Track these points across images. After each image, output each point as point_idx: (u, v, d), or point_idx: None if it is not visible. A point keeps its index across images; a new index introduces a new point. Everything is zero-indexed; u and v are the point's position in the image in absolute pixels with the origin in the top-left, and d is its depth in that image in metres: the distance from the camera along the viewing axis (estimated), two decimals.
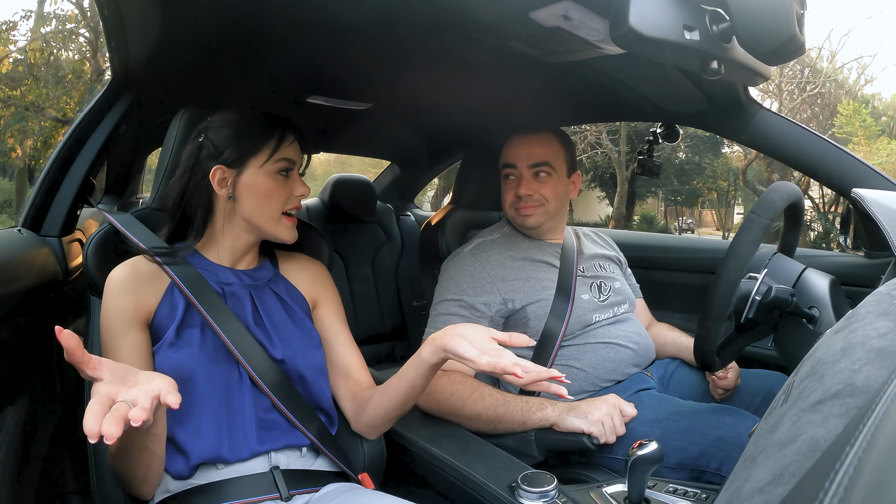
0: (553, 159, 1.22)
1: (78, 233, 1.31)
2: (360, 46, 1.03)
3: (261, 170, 0.86)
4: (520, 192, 1.20)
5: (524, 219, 1.22)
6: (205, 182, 0.86)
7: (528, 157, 1.21)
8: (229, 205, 0.88)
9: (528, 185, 1.20)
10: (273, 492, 0.80)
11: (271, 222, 0.88)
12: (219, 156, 0.86)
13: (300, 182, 0.91)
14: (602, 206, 15.70)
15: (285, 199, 0.89)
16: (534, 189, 1.20)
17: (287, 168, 0.88)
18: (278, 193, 0.88)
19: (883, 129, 11.33)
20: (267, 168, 0.87)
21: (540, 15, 0.76)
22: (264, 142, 0.86)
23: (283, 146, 0.88)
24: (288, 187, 0.89)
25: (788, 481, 0.31)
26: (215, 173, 0.86)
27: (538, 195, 1.20)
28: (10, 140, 9.14)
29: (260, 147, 0.86)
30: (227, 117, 0.88)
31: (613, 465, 1.01)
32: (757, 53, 0.65)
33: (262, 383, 0.82)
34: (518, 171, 1.22)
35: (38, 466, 1.05)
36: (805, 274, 0.89)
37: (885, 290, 0.54)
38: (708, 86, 1.09)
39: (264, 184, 0.87)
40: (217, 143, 0.86)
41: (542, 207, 1.21)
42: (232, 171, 0.86)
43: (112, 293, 0.81)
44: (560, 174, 1.23)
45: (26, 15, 9.86)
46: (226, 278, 0.88)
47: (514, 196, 1.22)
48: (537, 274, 1.18)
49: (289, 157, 0.88)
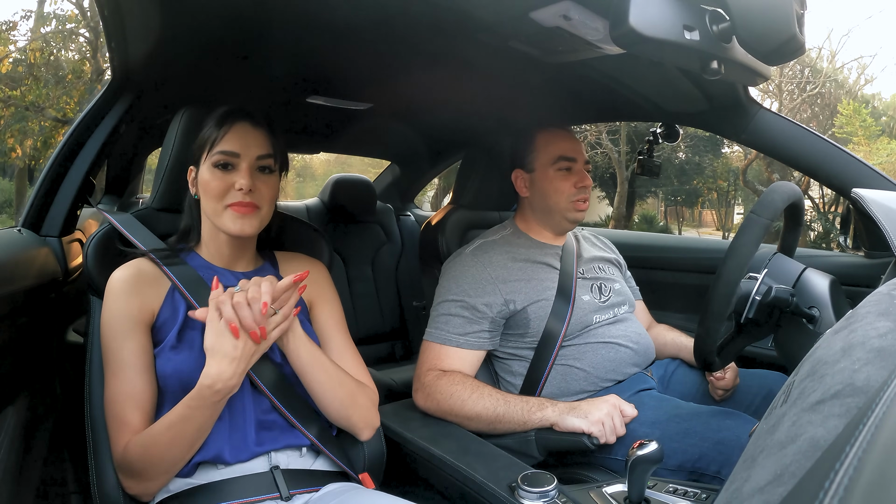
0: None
1: (78, 233, 1.31)
2: (360, 46, 1.03)
3: (204, 165, 0.86)
4: (584, 183, 1.21)
5: (581, 214, 1.23)
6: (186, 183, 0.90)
7: (582, 151, 1.24)
8: (198, 203, 0.89)
9: (586, 178, 1.22)
10: (273, 492, 0.80)
11: (215, 216, 0.85)
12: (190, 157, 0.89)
13: (242, 174, 0.84)
14: (602, 206, 15.69)
15: (223, 193, 0.84)
16: (587, 182, 1.23)
17: (223, 162, 0.84)
18: (214, 186, 0.84)
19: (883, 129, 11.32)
20: (207, 163, 0.85)
21: (540, 15, 0.76)
22: (206, 135, 0.86)
23: (220, 137, 0.85)
24: (226, 180, 0.84)
25: (788, 481, 0.31)
26: (190, 173, 0.89)
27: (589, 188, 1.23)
28: (10, 140, 9.13)
29: (204, 142, 0.86)
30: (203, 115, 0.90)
31: (613, 465, 1.01)
32: (757, 53, 0.65)
33: (261, 384, 0.82)
34: (578, 164, 1.23)
35: (38, 466, 1.05)
36: (805, 274, 0.89)
37: (885, 290, 0.54)
38: (708, 86, 1.09)
39: (206, 178, 0.85)
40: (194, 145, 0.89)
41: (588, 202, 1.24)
42: (195, 170, 0.88)
43: (115, 295, 0.81)
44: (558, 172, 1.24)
45: (26, 15, 9.86)
46: (226, 281, 0.88)
47: (574, 188, 1.22)
48: (538, 275, 1.18)
49: (226, 150, 0.84)
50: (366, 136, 1.96)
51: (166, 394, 0.81)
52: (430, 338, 1.14)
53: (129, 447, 0.77)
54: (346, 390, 0.87)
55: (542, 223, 1.26)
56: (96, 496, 0.81)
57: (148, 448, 0.76)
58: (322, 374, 0.85)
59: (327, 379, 0.85)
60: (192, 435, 0.76)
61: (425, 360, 1.12)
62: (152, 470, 0.77)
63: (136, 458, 0.77)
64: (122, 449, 0.78)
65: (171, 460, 0.77)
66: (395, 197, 2.46)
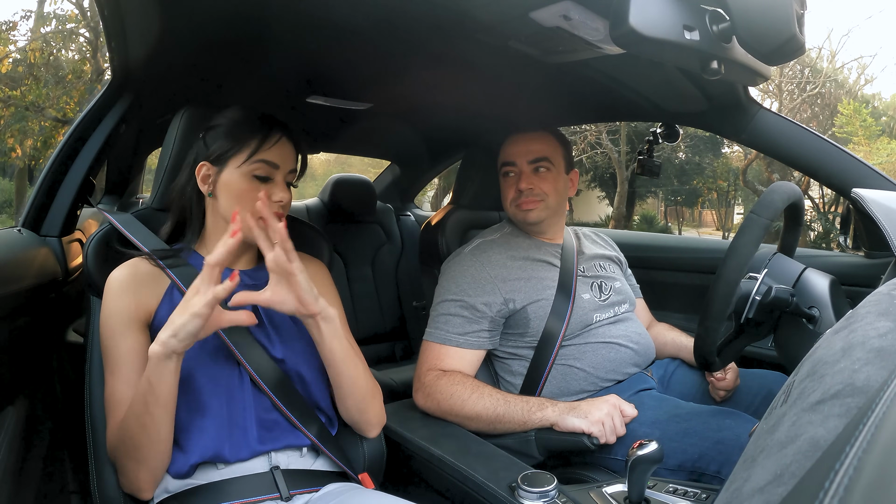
0: (552, 155, 1.22)
1: (78, 233, 1.31)
2: (360, 46, 1.03)
3: (238, 170, 0.84)
4: (520, 186, 1.20)
5: (526, 214, 1.22)
6: (194, 179, 0.87)
7: (526, 153, 1.22)
8: (211, 202, 0.87)
9: (529, 179, 1.21)
10: (273, 492, 0.80)
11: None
12: (206, 153, 0.86)
13: (280, 188, 0.86)
14: (602, 206, 15.69)
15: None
16: (534, 184, 1.21)
17: (264, 174, 0.85)
18: (250, 196, 0.83)
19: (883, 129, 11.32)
20: (244, 169, 0.84)
21: (540, 15, 0.76)
22: (246, 141, 0.85)
23: (265, 148, 0.85)
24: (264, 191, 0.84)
25: (788, 481, 0.31)
26: (200, 169, 0.86)
27: (539, 190, 1.21)
28: (10, 140, 9.13)
29: (241, 146, 0.85)
30: (227, 115, 0.88)
31: (613, 465, 1.01)
32: (757, 53, 0.65)
33: (262, 383, 0.82)
34: (518, 167, 1.22)
35: (38, 466, 1.05)
36: (805, 274, 0.89)
37: (885, 290, 0.54)
38: (708, 86, 1.09)
39: (238, 185, 0.84)
40: (208, 141, 0.86)
41: (543, 202, 1.21)
42: (214, 168, 0.86)
43: (112, 295, 0.82)
44: (559, 170, 1.23)
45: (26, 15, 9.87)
46: (224, 278, 0.88)
47: (514, 192, 1.22)
48: (538, 273, 1.18)
49: (269, 161, 0.85)
50: (366, 136, 1.96)
51: None
52: (430, 338, 1.14)
53: (111, 435, 0.78)
54: (368, 387, 0.89)
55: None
56: (96, 496, 0.81)
57: (120, 432, 0.76)
58: (353, 370, 0.85)
59: (356, 374, 0.86)
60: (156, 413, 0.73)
61: (425, 360, 1.12)
62: (127, 459, 0.76)
63: (114, 445, 0.77)
64: (108, 440, 0.79)
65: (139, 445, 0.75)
66: (395, 197, 2.46)
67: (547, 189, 1.21)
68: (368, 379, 0.90)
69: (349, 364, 0.84)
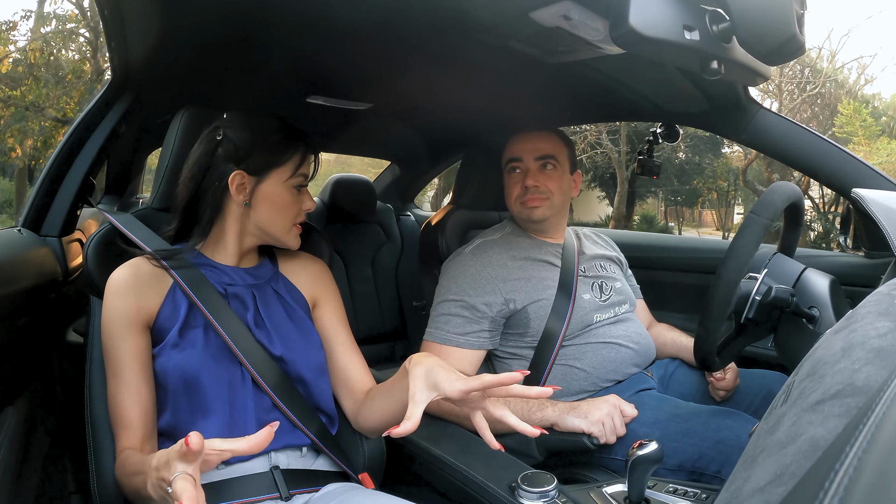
0: (557, 154, 1.23)
1: (78, 233, 1.31)
2: (360, 46, 1.03)
3: (283, 184, 0.87)
4: (527, 183, 1.20)
5: (531, 211, 1.22)
6: (221, 185, 0.85)
7: (533, 150, 1.22)
8: (243, 210, 0.87)
9: (535, 177, 1.21)
10: (273, 492, 0.80)
11: (282, 232, 0.90)
12: (239, 160, 0.85)
13: (309, 196, 0.92)
14: (602, 206, 15.69)
15: (297, 213, 0.91)
16: (540, 181, 1.21)
17: (303, 184, 0.90)
18: (293, 207, 0.90)
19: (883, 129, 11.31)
20: (289, 182, 0.88)
21: (540, 15, 0.76)
22: (289, 155, 0.87)
23: (307, 162, 0.90)
24: (300, 200, 0.90)
25: (788, 481, 0.31)
26: (235, 178, 0.84)
27: (544, 187, 1.21)
28: (10, 140, 9.14)
29: (286, 160, 0.87)
30: (245, 119, 0.87)
31: (613, 465, 1.01)
32: (757, 53, 0.65)
33: (263, 383, 0.82)
34: (524, 164, 1.22)
35: (38, 466, 1.05)
36: (805, 274, 0.89)
37: (885, 290, 0.54)
38: (708, 86, 1.09)
39: (282, 196, 0.88)
40: (238, 146, 0.85)
41: (548, 201, 1.21)
42: (252, 179, 0.86)
43: (113, 295, 0.81)
44: (564, 169, 1.23)
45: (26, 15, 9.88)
46: (227, 278, 0.88)
47: (520, 189, 1.22)
48: (539, 273, 1.18)
49: (307, 173, 0.91)
50: (366, 136, 1.96)
51: (168, 392, 0.81)
52: (430, 338, 1.14)
53: (118, 461, 0.78)
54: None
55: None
56: (96, 496, 0.81)
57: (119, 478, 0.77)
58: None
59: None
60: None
61: None
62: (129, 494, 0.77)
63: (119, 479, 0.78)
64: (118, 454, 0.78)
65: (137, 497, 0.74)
66: (395, 197, 2.45)
67: (552, 187, 1.21)
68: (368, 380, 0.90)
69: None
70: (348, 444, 0.94)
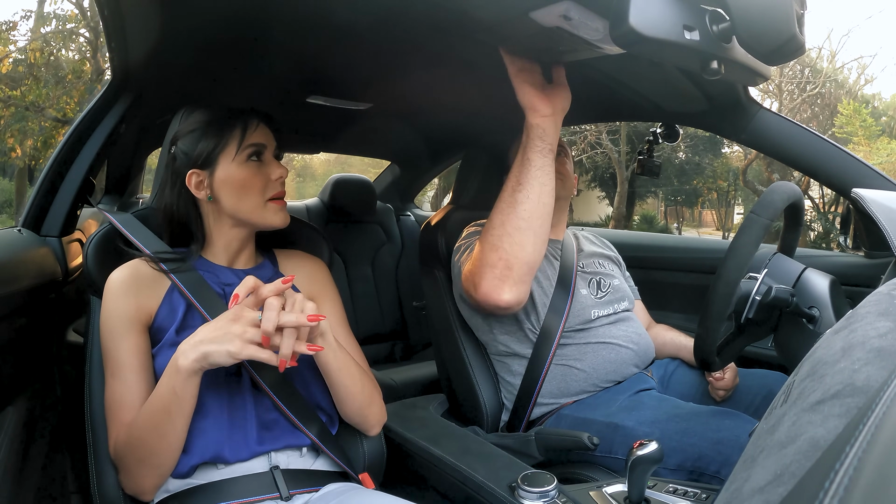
0: (560, 152, 1.23)
1: (78, 233, 1.31)
2: (360, 46, 1.03)
3: (232, 162, 0.85)
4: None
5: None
6: (185, 190, 0.86)
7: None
8: (212, 205, 0.87)
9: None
10: (273, 492, 0.80)
11: (257, 211, 0.87)
12: (190, 161, 0.86)
13: (275, 164, 0.88)
14: (602, 206, 15.69)
15: (264, 186, 0.87)
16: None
17: (257, 152, 0.87)
18: (255, 181, 0.86)
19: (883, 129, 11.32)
20: (238, 159, 0.86)
21: (540, 15, 0.76)
22: (229, 134, 0.86)
23: (249, 133, 0.86)
24: (264, 172, 0.87)
25: (788, 481, 0.31)
26: (191, 178, 0.86)
27: None
28: (10, 140, 9.14)
29: (226, 141, 0.85)
30: (191, 119, 0.88)
31: (613, 464, 1.01)
32: (757, 53, 0.65)
33: (262, 383, 0.82)
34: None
35: (38, 466, 1.05)
36: (805, 274, 0.89)
37: (885, 290, 0.54)
38: (708, 86, 1.09)
39: (238, 175, 0.85)
40: (186, 150, 0.86)
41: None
42: (205, 172, 0.86)
43: (112, 296, 0.82)
44: (563, 164, 1.24)
45: (26, 15, 9.88)
46: (226, 279, 0.88)
47: None
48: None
49: (256, 142, 0.87)
50: (366, 136, 1.96)
51: None
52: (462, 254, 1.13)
53: (118, 439, 0.78)
54: (367, 391, 0.88)
55: None
56: (96, 496, 0.81)
57: (132, 437, 0.76)
58: (349, 379, 0.85)
59: (352, 383, 0.85)
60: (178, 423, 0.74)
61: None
62: (139, 464, 0.76)
63: (123, 449, 0.77)
64: (113, 443, 0.79)
65: (155, 451, 0.75)
66: (395, 197, 2.46)
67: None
68: (367, 382, 0.90)
69: (344, 374, 0.84)
70: (348, 444, 0.94)
